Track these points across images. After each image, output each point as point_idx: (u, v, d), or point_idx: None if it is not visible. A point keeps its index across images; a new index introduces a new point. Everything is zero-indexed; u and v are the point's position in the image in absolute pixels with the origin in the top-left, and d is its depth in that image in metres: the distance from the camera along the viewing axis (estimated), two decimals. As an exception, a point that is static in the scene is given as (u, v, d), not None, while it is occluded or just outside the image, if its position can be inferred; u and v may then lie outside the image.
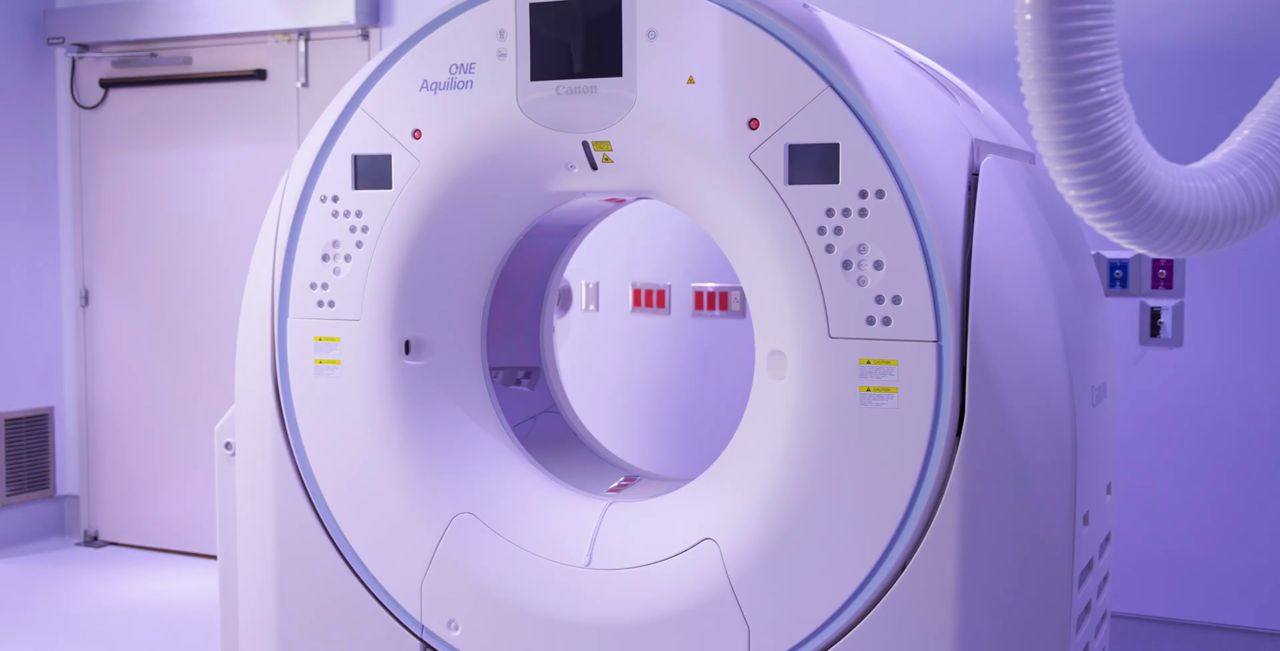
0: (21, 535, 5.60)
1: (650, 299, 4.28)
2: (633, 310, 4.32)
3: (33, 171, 5.59)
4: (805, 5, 2.57)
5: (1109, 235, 1.47)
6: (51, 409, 5.72)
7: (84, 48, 5.50)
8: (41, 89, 5.61)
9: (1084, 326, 2.61)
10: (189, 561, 5.37)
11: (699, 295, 4.19)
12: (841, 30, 2.55)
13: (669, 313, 4.25)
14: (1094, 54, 1.38)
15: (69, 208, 5.67)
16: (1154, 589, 3.66)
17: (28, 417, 5.60)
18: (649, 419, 4.35)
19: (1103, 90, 1.39)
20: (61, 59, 5.61)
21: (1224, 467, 3.54)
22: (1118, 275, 3.54)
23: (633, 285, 4.32)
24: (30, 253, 5.60)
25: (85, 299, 5.67)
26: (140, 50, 5.43)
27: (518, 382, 3.38)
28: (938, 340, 2.36)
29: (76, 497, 5.70)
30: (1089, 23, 1.37)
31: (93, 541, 5.63)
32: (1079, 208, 1.46)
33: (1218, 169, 1.67)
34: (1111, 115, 1.40)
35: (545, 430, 3.30)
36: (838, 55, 2.44)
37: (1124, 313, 3.57)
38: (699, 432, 4.11)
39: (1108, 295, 3.57)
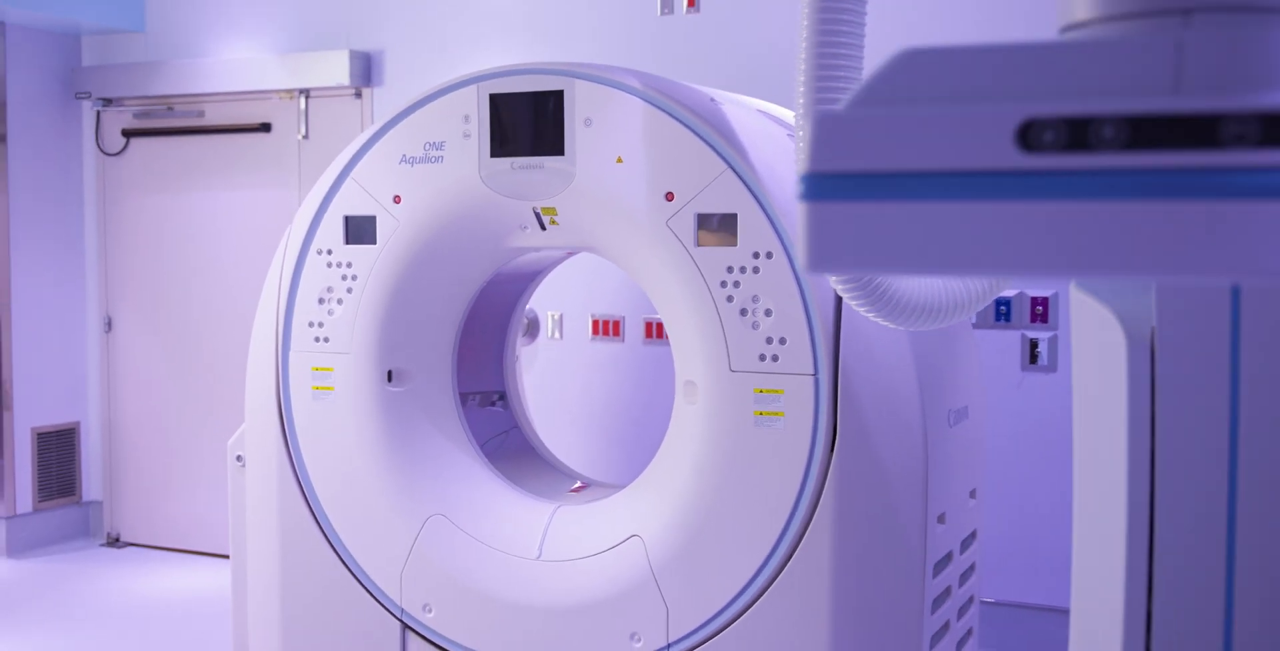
0: (51, 537, 5.65)
1: (607, 328, 4.53)
2: (592, 338, 4.57)
3: (62, 211, 5.66)
4: (711, 100, 3.05)
5: (868, 316, 1.94)
6: (78, 423, 5.75)
7: (108, 102, 5.59)
8: (70, 138, 5.68)
9: (942, 360, 3.08)
10: (200, 560, 5.47)
11: (649, 326, 4.47)
12: (742, 119, 3.02)
13: (623, 340, 4.52)
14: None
15: (94, 243, 5.73)
16: (1031, 580, 4.05)
17: (57, 431, 5.65)
18: (605, 431, 4.63)
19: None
20: (88, 111, 5.67)
21: (1097, 476, 3.99)
22: (1002, 311, 3.98)
23: (592, 316, 4.57)
24: (59, 284, 5.67)
25: (108, 325, 5.71)
26: (158, 104, 5.52)
27: (492, 404, 3.77)
28: (815, 374, 2.82)
29: (100, 503, 5.75)
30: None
31: (115, 542, 5.70)
32: (845, 299, 1.92)
33: (947, 267, 2.19)
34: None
35: (509, 445, 3.68)
36: (736, 142, 2.92)
37: (1007, 343, 4.03)
38: (647, 443, 4.39)
39: (993, 328, 4.02)
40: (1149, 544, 1.40)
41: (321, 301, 3.33)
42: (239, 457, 3.52)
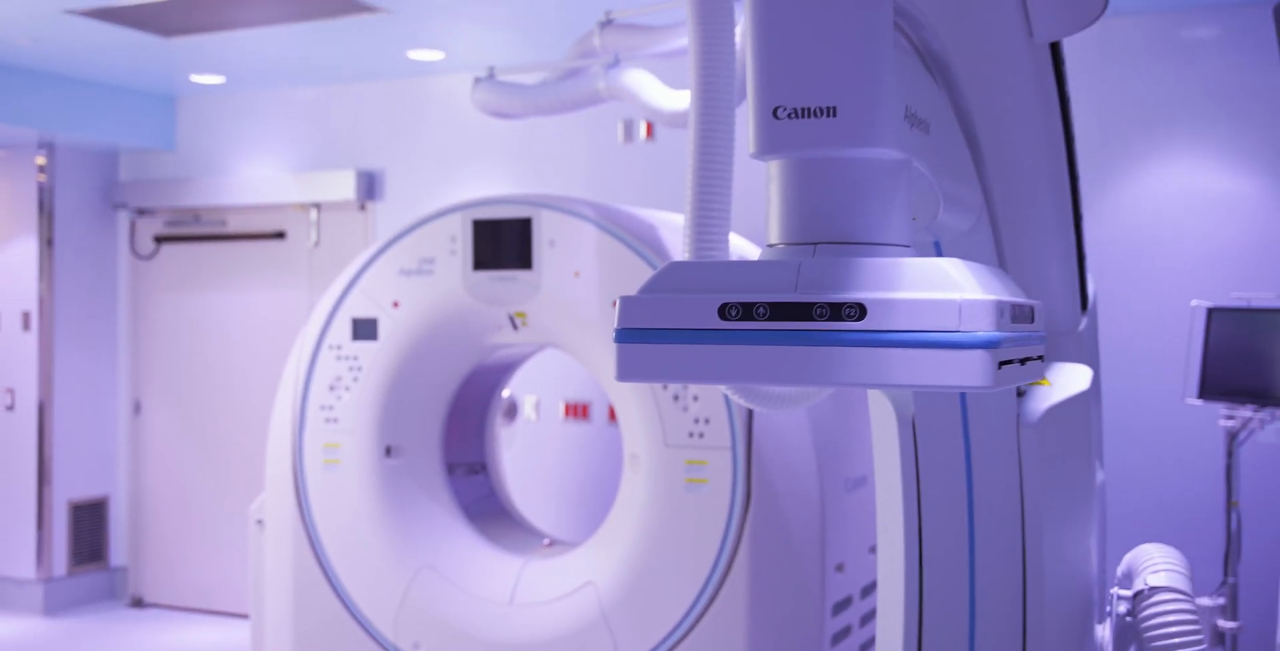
0: (82, 598, 6.01)
1: (577, 411, 5.02)
2: (564, 419, 5.06)
3: (98, 307, 6.07)
4: (652, 226, 3.73)
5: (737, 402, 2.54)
6: (108, 496, 6.11)
7: (142, 212, 6.04)
8: (107, 243, 6.13)
9: (841, 438, 3.70)
10: (212, 618, 5.83)
11: (611, 409, 4.91)
12: (675, 241, 3.68)
13: (591, 421, 5.02)
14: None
15: (126, 336, 6.12)
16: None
17: (89, 504, 6.01)
18: (576, 497, 5.13)
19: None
20: (124, 220, 6.13)
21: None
22: (908, 396, 4.59)
23: (564, 401, 5.07)
24: (94, 371, 6.05)
25: (137, 408, 6.09)
26: (186, 215, 5.96)
27: (475, 473, 4.34)
28: (733, 448, 3.44)
29: (126, 568, 6.12)
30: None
31: (138, 604, 6.06)
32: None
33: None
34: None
35: (488, 508, 4.25)
36: (669, 260, 3.59)
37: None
38: (609, 507, 4.90)
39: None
40: (919, 558, 2.06)
41: (332, 388, 3.92)
42: (259, 521, 4.04)
